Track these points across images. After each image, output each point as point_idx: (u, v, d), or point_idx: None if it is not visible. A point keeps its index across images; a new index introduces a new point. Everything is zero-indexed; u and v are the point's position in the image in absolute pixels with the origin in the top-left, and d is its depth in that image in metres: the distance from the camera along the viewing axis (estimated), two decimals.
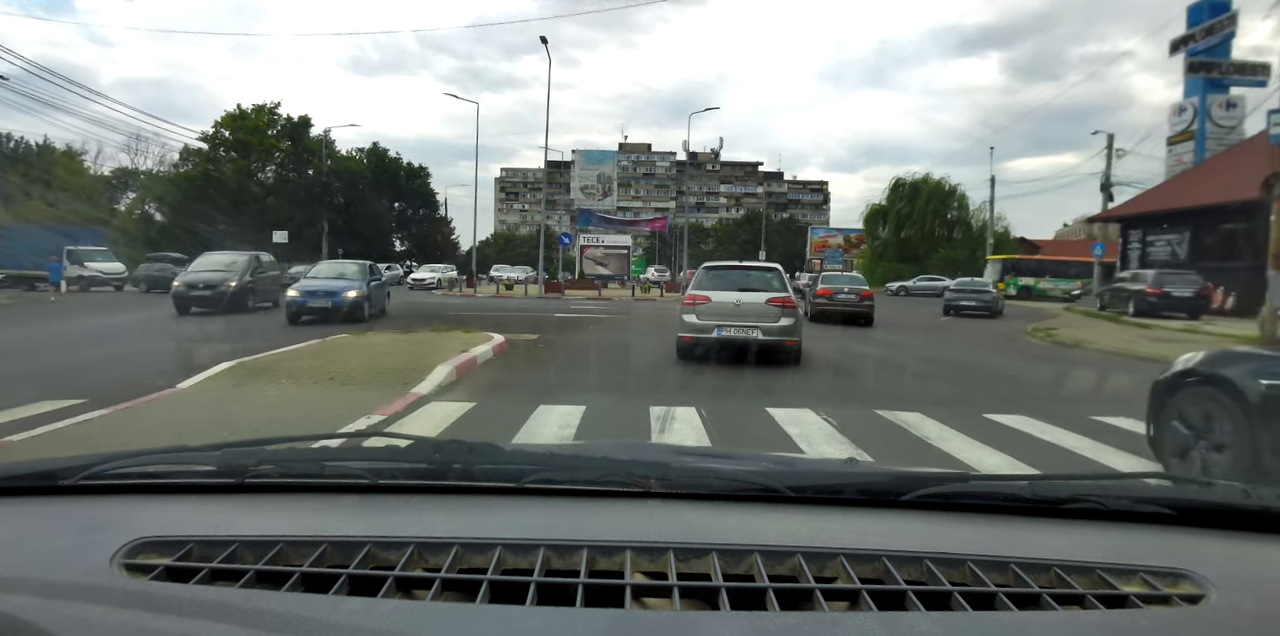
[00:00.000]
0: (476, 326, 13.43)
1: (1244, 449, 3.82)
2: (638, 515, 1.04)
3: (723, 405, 7.16)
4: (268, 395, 6.98)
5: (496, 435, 5.45)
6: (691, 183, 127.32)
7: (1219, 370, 4.12)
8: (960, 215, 52.73)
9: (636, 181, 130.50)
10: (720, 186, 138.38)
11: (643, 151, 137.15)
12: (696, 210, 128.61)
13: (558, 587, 0.81)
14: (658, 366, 9.98)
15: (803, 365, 10.15)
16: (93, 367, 9.04)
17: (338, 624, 0.72)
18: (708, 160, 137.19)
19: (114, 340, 12.59)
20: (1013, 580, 0.86)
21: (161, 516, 1.05)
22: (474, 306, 23.41)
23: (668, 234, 41.19)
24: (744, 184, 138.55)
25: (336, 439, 1.82)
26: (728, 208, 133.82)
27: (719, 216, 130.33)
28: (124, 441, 4.96)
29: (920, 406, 7.08)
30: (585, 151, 79.17)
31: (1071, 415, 6.89)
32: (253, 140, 53.85)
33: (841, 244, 63.50)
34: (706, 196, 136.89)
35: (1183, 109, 37.12)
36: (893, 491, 1.09)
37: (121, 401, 6.43)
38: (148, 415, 6.09)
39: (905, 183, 54.25)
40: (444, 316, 17.18)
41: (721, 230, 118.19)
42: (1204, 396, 4.15)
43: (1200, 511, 1.06)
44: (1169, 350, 10.08)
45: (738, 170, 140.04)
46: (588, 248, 38.72)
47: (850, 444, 5.64)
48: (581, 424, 6.08)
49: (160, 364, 9.04)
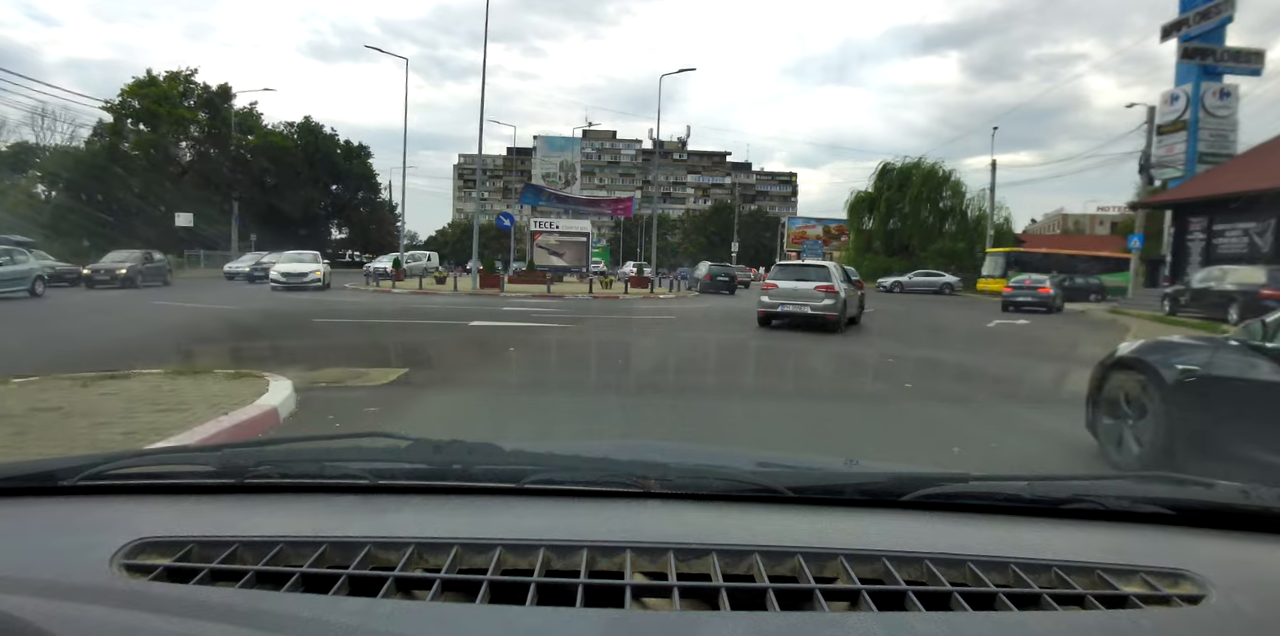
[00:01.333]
0: (306, 356, 7.98)
1: (1160, 432, 3.96)
2: (638, 515, 1.03)
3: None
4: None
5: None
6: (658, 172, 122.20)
7: (1145, 356, 4.33)
8: (955, 204, 47.94)
9: (601, 170, 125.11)
10: (688, 176, 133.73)
11: (607, 139, 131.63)
12: (663, 201, 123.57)
13: (558, 588, 0.81)
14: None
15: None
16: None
17: (338, 624, 0.72)
18: (674, 149, 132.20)
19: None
20: (1013, 580, 0.86)
21: (161, 517, 1.03)
22: (364, 309, 17.56)
23: (633, 217, 35.23)
24: (711, 174, 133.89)
25: (337, 439, 1.52)
26: (695, 198, 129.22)
27: (686, 207, 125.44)
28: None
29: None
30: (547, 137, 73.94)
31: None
32: (160, 109, 47.14)
33: (821, 235, 58.51)
34: (673, 186, 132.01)
35: (1175, 97, 35.46)
36: (893, 491, 1.08)
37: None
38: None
39: (894, 168, 49.39)
40: (269, 330, 11.77)
41: (689, 221, 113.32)
42: (1132, 381, 4.27)
43: (1200, 511, 1.06)
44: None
45: (705, 160, 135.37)
46: (539, 234, 32.86)
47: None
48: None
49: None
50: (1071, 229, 74.80)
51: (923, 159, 49.12)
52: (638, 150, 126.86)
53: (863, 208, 50.44)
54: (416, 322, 14.15)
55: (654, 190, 60.58)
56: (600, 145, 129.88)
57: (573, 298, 23.65)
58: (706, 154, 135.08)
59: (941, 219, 48.39)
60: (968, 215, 47.42)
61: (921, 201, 47.29)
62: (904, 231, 48.00)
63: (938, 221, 48.35)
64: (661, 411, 5.84)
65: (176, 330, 11.13)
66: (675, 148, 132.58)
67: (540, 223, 33.54)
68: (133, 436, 4.05)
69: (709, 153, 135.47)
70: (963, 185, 47.89)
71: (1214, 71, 35.82)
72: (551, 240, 32.52)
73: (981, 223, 45.60)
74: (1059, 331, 16.84)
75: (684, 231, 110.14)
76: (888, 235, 48.86)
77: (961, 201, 47.67)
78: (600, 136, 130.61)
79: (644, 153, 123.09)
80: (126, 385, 5.58)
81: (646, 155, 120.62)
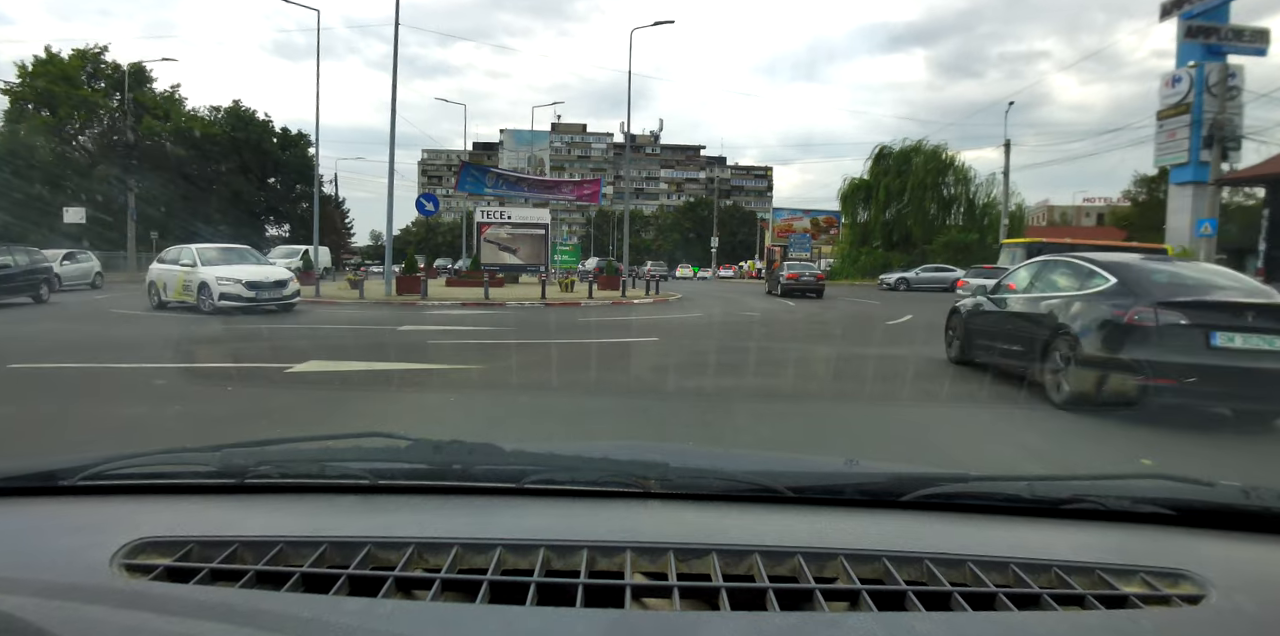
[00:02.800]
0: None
1: (960, 337, 8.22)
2: (638, 515, 1.03)
3: None
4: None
5: None
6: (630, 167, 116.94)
7: (956, 305, 8.64)
8: (961, 190, 43.01)
9: (571, 164, 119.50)
10: (661, 171, 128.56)
11: (577, 132, 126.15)
12: (636, 196, 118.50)
13: (558, 588, 0.81)
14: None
15: None
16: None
17: (338, 624, 0.72)
18: (647, 143, 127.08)
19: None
20: (1013, 580, 0.86)
21: (161, 516, 1.02)
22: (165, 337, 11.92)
23: (600, 205, 29.39)
24: (685, 168, 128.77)
25: (337, 439, 1.52)
26: (669, 194, 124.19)
27: (660, 203, 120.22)
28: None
29: None
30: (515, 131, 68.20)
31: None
32: (56, 89, 40.99)
33: (809, 228, 53.36)
34: (646, 181, 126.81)
35: (1177, 79, 34.16)
36: (893, 491, 1.08)
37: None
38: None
39: (892, 151, 44.36)
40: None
41: (663, 217, 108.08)
42: (955, 317, 8.51)
43: (1200, 511, 1.05)
44: None
45: (679, 154, 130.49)
46: (487, 226, 27.18)
47: None
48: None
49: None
50: (1058, 220, 71.29)
51: (923, 142, 44.20)
52: (609, 144, 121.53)
53: (857, 196, 45.37)
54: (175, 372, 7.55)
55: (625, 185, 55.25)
56: (570, 139, 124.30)
57: (516, 306, 18.01)
58: (680, 148, 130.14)
59: (946, 207, 43.47)
60: (975, 202, 42.53)
61: (926, 188, 42.30)
62: (905, 222, 43.02)
63: (942, 210, 43.43)
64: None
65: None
66: (648, 141, 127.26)
67: (488, 212, 27.71)
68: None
69: (683, 146, 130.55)
70: (970, 169, 42.99)
71: (1218, 51, 34.18)
72: (502, 233, 26.84)
73: (992, 210, 40.72)
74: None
75: (658, 228, 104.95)
76: (887, 226, 43.86)
77: (969, 188, 42.76)
78: (570, 130, 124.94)
79: (615, 146, 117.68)
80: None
81: (618, 149, 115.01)
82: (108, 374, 7.34)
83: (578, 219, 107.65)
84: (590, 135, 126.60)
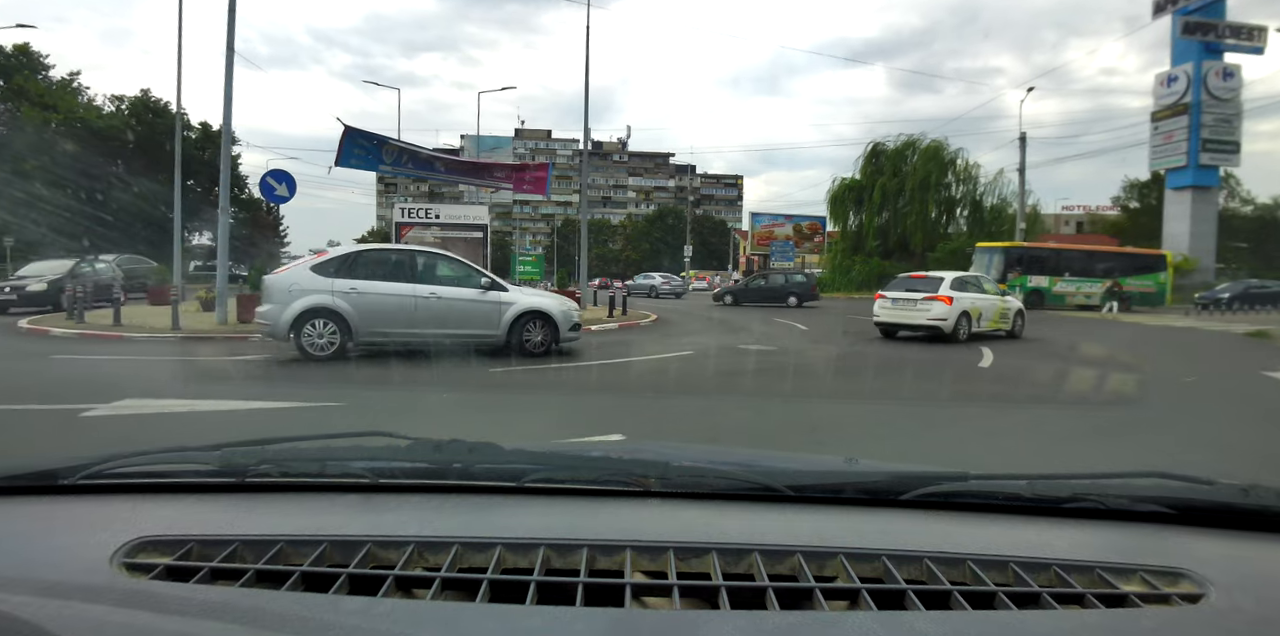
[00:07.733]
0: None
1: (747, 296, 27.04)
2: (638, 514, 1.03)
3: None
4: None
5: None
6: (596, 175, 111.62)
7: (725, 288, 28.57)
8: (966, 191, 38.28)
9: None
10: (629, 179, 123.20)
11: (541, 138, 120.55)
12: (603, 205, 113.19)
13: (558, 587, 0.81)
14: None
15: None
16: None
17: (338, 623, 0.72)
18: (614, 150, 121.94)
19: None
20: (1012, 579, 0.86)
21: (161, 516, 1.03)
22: None
23: (548, 195, 23.68)
24: (654, 176, 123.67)
25: (337, 438, 1.52)
26: (637, 202, 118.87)
27: (628, 211, 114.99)
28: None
29: None
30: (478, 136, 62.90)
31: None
32: None
33: (792, 235, 48.30)
34: (614, 190, 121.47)
35: (1173, 78, 33.97)
36: (893, 490, 1.08)
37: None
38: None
39: (887, 149, 39.60)
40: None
41: (631, 227, 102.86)
42: (727, 296, 26.44)
43: (1200, 511, 1.05)
44: None
45: (647, 162, 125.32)
46: (408, 227, 21.55)
47: None
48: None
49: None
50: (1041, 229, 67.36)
51: (919, 138, 39.49)
52: (574, 151, 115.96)
53: (848, 199, 40.47)
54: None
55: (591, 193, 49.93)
56: (534, 145, 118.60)
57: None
58: (648, 155, 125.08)
59: (949, 210, 38.75)
60: (983, 204, 37.82)
61: (927, 189, 37.51)
62: (903, 227, 38.19)
63: (944, 213, 38.69)
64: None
65: None
66: (615, 149, 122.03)
67: (410, 211, 22.11)
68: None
69: (651, 154, 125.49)
70: (975, 167, 38.32)
71: (1215, 49, 33.46)
72: (428, 236, 21.13)
73: (1003, 213, 36.01)
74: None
75: (626, 237, 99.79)
76: (882, 232, 39.00)
77: (974, 188, 38.05)
78: (534, 136, 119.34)
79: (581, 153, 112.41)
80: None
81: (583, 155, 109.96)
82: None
83: (542, 228, 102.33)
84: (555, 141, 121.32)
